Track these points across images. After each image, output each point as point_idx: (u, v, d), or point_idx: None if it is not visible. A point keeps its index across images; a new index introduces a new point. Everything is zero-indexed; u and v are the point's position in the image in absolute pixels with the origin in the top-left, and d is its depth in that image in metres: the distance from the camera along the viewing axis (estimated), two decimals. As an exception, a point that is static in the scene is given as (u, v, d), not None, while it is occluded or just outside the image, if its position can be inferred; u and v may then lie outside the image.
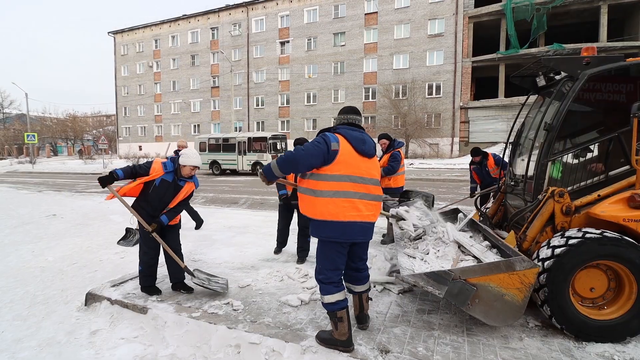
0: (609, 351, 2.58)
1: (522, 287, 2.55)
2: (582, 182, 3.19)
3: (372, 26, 30.40)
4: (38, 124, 51.21)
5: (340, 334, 2.53)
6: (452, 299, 2.58)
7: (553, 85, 3.56)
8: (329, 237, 2.49)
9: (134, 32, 41.82)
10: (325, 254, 2.57)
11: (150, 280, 3.64)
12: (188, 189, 3.60)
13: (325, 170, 2.44)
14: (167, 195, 3.49)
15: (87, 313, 3.46)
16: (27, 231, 6.70)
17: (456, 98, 27.93)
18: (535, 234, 3.07)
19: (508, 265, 2.57)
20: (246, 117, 36.11)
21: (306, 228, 4.65)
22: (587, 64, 3.07)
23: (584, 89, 3.17)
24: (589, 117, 3.49)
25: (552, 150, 3.17)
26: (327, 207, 2.43)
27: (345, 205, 2.44)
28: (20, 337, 3.07)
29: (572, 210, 3.00)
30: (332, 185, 2.43)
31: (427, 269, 3.05)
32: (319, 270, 2.60)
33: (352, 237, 2.51)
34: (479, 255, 3.03)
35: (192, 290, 3.63)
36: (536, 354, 2.54)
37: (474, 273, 2.60)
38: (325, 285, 2.56)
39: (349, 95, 31.46)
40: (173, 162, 3.52)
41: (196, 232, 6.36)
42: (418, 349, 2.58)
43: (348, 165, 2.45)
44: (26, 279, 4.33)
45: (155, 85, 41.06)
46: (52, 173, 25.54)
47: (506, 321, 2.66)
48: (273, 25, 34.23)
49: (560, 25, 26.18)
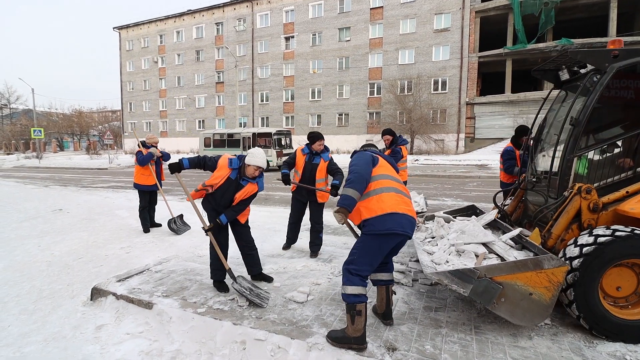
0: (621, 351, 2.53)
1: (550, 286, 2.50)
2: (609, 178, 3.09)
3: (377, 21, 30.15)
4: (44, 119, 51.66)
5: (356, 329, 2.49)
6: (477, 297, 2.53)
7: (577, 79, 3.45)
8: (390, 229, 2.48)
9: (139, 27, 41.84)
10: (367, 248, 2.56)
11: (219, 275, 3.60)
12: (249, 190, 3.50)
13: (373, 172, 2.65)
14: (229, 193, 3.46)
15: (92, 308, 3.46)
16: (34, 226, 6.74)
17: (462, 94, 27.67)
18: (561, 231, 2.98)
19: (536, 264, 2.51)
20: (251, 112, 36.08)
21: (318, 224, 4.61)
22: (615, 56, 2.95)
23: (611, 83, 3.05)
24: (614, 112, 3.36)
25: (578, 145, 3.06)
26: (380, 203, 2.52)
27: (396, 199, 2.57)
28: (26, 332, 3.07)
29: (600, 207, 2.90)
30: (379, 184, 2.61)
31: (449, 266, 2.99)
32: (353, 260, 2.57)
33: (405, 229, 2.52)
34: (502, 253, 2.97)
35: (272, 280, 3.72)
36: (546, 352, 2.50)
37: (500, 271, 2.54)
38: (352, 277, 2.53)
39: (354, 91, 31.31)
40: (239, 160, 3.50)
41: (201, 227, 6.35)
42: (425, 347, 2.55)
43: (386, 169, 2.74)
44: (32, 274, 4.34)
45: (160, 81, 41.12)
46: (58, 168, 25.72)
47: (533, 321, 2.60)
48: (278, 21, 34.07)
49: (569, 20, 25.78)
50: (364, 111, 31.09)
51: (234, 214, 3.54)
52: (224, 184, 3.44)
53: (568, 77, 3.51)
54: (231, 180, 3.44)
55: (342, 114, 32.16)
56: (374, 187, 2.59)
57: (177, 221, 6.20)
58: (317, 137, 4.49)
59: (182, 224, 6.29)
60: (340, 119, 32.32)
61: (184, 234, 5.99)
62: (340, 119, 32.31)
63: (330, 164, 4.53)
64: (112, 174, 20.31)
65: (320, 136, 4.53)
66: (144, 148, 6.09)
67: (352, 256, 2.60)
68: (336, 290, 3.51)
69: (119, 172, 21.14)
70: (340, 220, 2.52)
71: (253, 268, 3.77)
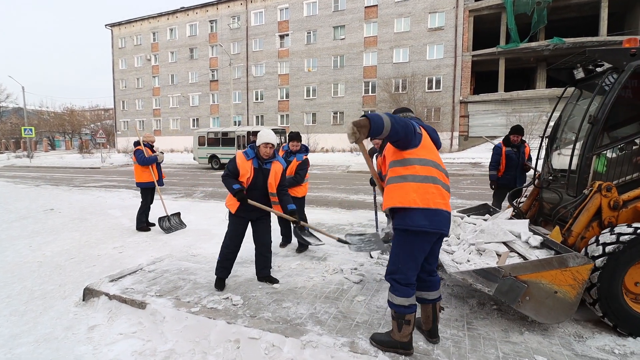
0: (610, 345, 2.57)
1: (575, 284, 2.51)
2: (628, 175, 3.10)
3: (372, 19, 30.17)
4: (35, 118, 50.98)
5: (403, 335, 2.39)
6: (502, 296, 2.53)
7: (592, 78, 3.46)
8: (420, 227, 2.24)
9: (131, 24, 41.43)
10: (408, 250, 2.33)
11: (224, 273, 3.61)
12: (277, 170, 3.64)
13: (412, 154, 2.27)
14: (259, 181, 3.56)
15: (85, 308, 3.44)
16: (24, 226, 6.66)
17: (456, 92, 27.83)
18: (581, 229, 2.98)
19: (561, 262, 2.52)
20: (245, 111, 35.95)
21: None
22: (633, 55, 2.96)
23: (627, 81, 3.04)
24: (631, 109, 3.35)
25: (597, 143, 3.07)
26: (417, 193, 2.23)
27: (434, 191, 2.26)
28: (17, 333, 3.04)
29: (620, 204, 2.91)
30: (421, 170, 2.26)
31: (471, 266, 2.99)
32: (397, 269, 2.35)
33: (440, 227, 2.29)
34: (523, 252, 2.97)
35: (277, 282, 3.68)
36: (537, 347, 2.53)
37: (524, 270, 2.54)
38: (402, 287, 2.33)
39: (349, 89, 31.33)
40: (252, 148, 3.59)
41: (195, 226, 6.33)
42: (419, 343, 2.56)
43: (430, 151, 2.34)
44: (23, 274, 4.30)
45: (153, 79, 40.79)
46: (49, 167, 25.42)
47: (558, 319, 2.61)
48: (272, 18, 33.95)
49: (561, 19, 26.02)
50: (358, 109, 31.12)
51: (289, 197, 3.77)
52: (254, 176, 3.53)
53: (583, 75, 3.52)
54: (257, 169, 3.55)
55: (337, 113, 32.17)
56: (417, 173, 2.25)
57: (171, 219, 6.17)
58: (290, 138, 4.71)
59: (179, 222, 6.26)
60: (335, 118, 32.33)
61: (176, 232, 5.97)
62: (335, 117, 32.32)
63: (300, 163, 4.66)
64: (105, 173, 20.12)
65: (294, 137, 4.72)
66: (144, 147, 6.04)
67: (394, 265, 2.37)
68: (330, 289, 3.52)
69: (112, 172, 20.95)
70: (351, 137, 1.99)
71: (263, 270, 3.76)
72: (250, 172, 3.50)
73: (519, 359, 2.40)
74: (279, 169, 3.66)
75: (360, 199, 9.55)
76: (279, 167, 3.66)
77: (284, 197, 3.71)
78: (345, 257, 4.47)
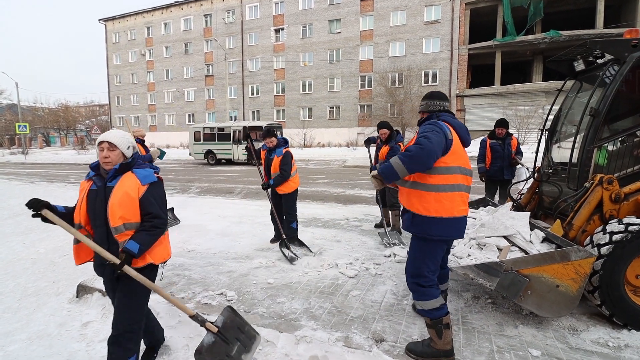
0: (604, 337, 2.59)
1: (577, 278, 2.51)
2: (629, 168, 3.08)
3: (367, 13, 29.95)
4: (29, 114, 50.44)
5: (445, 342, 2.29)
6: (504, 291, 2.52)
7: (592, 69, 3.43)
8: (441, 236, 2.24)
9: (125, 19, 40.92)
10: (430, 255, 2.31)
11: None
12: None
13: (439, 162, 2.20)
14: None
15: (78, 305, 3.42)
16: (18, 223, 6.60)
17: (452, 86, 27.76)
18: (582, 222, 2.96)
19: (563, 255, 2.52)
20: (241, 106, 35.73)
21: (288, 214, 4.62)
22: (634, 46, 2.93)
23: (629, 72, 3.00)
24: (632, 101, 3.31)
25: (598, 136, 3.04)
26: (442, 203, 2.20)
27: (458, 199, 2.24)
28: (10, 330, 3.02)
29: (622, 197, 2.90)
30: (447, 179, 2.21)
31: (472, 260, 2.99)
32: (419, 273, 2.31)
33: (460, 233, 2.31)
34: (524, 246, 2.97)
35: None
36: (531, 341, 2.54)
37: (526, 264, 2.54)
38: (427, 289, 2.29)
39: (345, 84, 31.18)
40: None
41: (190, 222, 6.30)
42: (413, 338, 2.56)
43: (459, 156, 2.27)
44: (17, 271, 4.27)
45: (148, 74, 40.40)
46: (44, 164, 25.22)
47: (560, 312, 2.61)
48: (267, 12, 33.62)
49: (557, 12, 25.92)
50: (355, 104, 31.02)
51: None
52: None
53: (584, 67, 3.49)
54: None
55: (333, 107, 32.04)
56: (443, 182, 2.20)
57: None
58: (264, 135, 4.60)
59: (172, 218, 6.23)
60: (331, 112, 32.21)
61: (171, 228, 5.93)
62: (331, 111, 32.20)
63: (282, 159, 4.49)
64: (100, 169, 19.94)
65: (267, 133, 4.58)
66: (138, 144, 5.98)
67: (415, 269, 2.33)
68: (325, 283, 3.51)
69: (108, 168, 20.76)
70: (376, 187, 2.30)
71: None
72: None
73: (513, 352, 2.41)
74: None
75: (356, 193, 9.55)
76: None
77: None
78: (340, 251, 4.47)
